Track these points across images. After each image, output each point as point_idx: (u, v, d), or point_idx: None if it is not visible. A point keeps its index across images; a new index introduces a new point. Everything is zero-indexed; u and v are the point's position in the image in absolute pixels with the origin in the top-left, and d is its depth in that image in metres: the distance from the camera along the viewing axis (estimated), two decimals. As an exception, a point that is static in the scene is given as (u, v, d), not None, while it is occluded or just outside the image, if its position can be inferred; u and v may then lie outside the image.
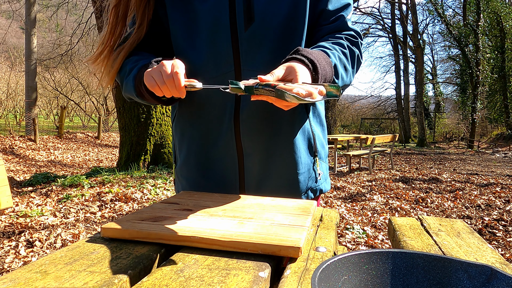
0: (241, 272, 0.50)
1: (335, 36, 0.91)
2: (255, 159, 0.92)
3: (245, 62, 0.89)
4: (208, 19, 0.88)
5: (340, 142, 11.39)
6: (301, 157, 0.94)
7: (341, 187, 5.82)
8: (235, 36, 0.88)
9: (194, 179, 0.98)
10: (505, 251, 3.16)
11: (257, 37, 0.88)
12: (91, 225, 3.50)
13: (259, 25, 0.87)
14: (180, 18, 0.92)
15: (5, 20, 23.16)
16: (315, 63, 0.75)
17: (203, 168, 0.96)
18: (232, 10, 0.87)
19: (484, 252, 0.67)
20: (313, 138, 0.97)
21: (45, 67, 16.42)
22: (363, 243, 3.31)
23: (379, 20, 26.32)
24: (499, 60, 19.97)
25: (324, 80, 0.78)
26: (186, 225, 0.63)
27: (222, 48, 0.89)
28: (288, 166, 0.93)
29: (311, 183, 0.98)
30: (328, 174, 1.06)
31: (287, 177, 0.94)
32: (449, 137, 26.32)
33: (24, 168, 7.66)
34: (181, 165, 1.01)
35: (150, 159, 6.52)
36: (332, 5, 0.92)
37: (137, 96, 0.86)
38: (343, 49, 0.87)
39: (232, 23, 0.87)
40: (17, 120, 17.85)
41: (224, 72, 0.89)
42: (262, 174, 0.93)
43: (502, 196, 5.26)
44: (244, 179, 0.94)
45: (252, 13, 0.86)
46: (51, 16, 15.68)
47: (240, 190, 0.95)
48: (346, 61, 0.87)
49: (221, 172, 0.95)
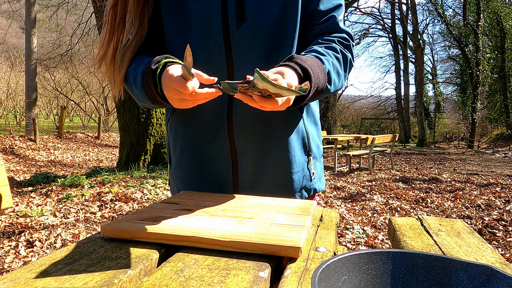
0: (241, 272, 0.50)
1: (328, 39, 0.91)
2: (249, 159, 0.93)
3: (238, 61, 0.89)
4: (201, 18, 0.89)
5: (340, 142, 11.39)
6: (295, 156, 0.95)
7: (341, 187, 5.82)
8: (227, 35, 0.88)
9: (189, 179, 0.99)
10: (505, 251, 3.16)
11: (249, 36, 0.88)
12: (91, 225, 3.50)
13: (251, 24, 0.88)
14: (174, 17, 0.92)
15: (5, 20, 23.17)
16: (308, 71, 0.76)
17: (197, 168, 0.97)
18: (224, 9, 0.88)
19: (484, 252, 0.67)
20: (307, 137, 0.97)
21: (45, 67, 16.42)
22: (363, 243, 3.31)
23: (379, 20, 26.32)
24: (499, 60, 19.97)
25: (317, 87, 0.79)
26: (186, 225, 0.63)
27: (215, 47, 0.89)
28: (282, 165, 0.94)
29: (305, 182, 0.98)
30: (322, 174, 1.06)
31: (281, 176, 0.95)
32: (449, 137, 26.33)
33: (24, 168, 7.66)
34: (175, 166, 1.02)
35: (150, 159, 6.52)
36: (324, 6, 0.92)
37: (153, 103, 0.85)
38: (336, 54, 0.88)
39: (224, 22, 0.88)
40: (17, 120, 17.86)
41: (217, 70, 0.90)
42: (256, 173, 0.94)
43: (502, 196, 5.26)
44: (238, 178, 0.94)
45: (244, 12, 0.87)
46: (51, 16, 15.69)
47: (234, 189, 0.96)
48: (339, 66, 0.88)
49: (215, 172, 0.96)
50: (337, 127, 15.49)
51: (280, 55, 0.91)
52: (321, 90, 0.82)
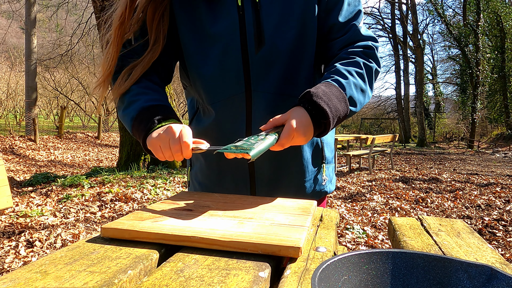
0: (241, 272, 0.50)
1: (351, 51, 0.90)
2: (265, 170, 0.95)
3: (256, 84, 0.90)
4: (220, 42, 0.89)
5: (340, 142, 11.38)
6: (308, 167, 0.97)
7: (341, 187, 5.82)
8: (245, 58, 0.89)
9: (207, 186, 1.02)
10: (505, 251, 3.16)
11: (267, 59, 0.89)
12: (91, 225, 3.50)
13: (269, 48, 0.88)
14: (192, 40, 0.91)
15: (5, 20, 23.16)
16: (323, 110, 0.76)
17: (216, 178, 0.99)
18: (243, 33, 0.88)
19: (484, 252, 0.67)
20: (321, 146, 0.99)
21: (45, 67, 16.41)
22: (363, 243, 3.31)
23: (379, 20, 26.33)
24: (499, 60, 19.97)
25: (338, 117, 0.80)
26: (186, 225, 0.63)
27: (233, 71, 0.89)
28: (296, 174, 0.97)
29: (317, 187, 1.00)
30: (334, 175, 1.08)
31: (294, 184, 0.97)
32: (449, 137, 26.32)
33: (24, 168, 7.66)
34: (196, 171, 1.04)
35: (150, 159, 6.51)
36: (343, 17, 0.91)
37: (132, 135, 0.88)
38: (359, 70, 0.87)
39: (243, 46, 0.88)
40: (17, 120, 17.85)
41: (235, 93, 0.91)
42: (272, 183, 0.96)
43: (502, 196, 5.26)
44: (255, 187, 0.97)
45: (263, 36, 0.87)
46: (51, 16, 15.69)
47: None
48: (363, 83, 0.87)
49: (233, 182, 0.98)
50: (337, 127, 15.49)
51: (298, 76, 0.91)
52: (344, 116, 0.82)
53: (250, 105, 0.91)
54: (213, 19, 0.89)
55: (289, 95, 0.91)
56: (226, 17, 0.88)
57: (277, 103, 0.91)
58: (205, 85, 0.92)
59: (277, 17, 0.88)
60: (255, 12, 0.87)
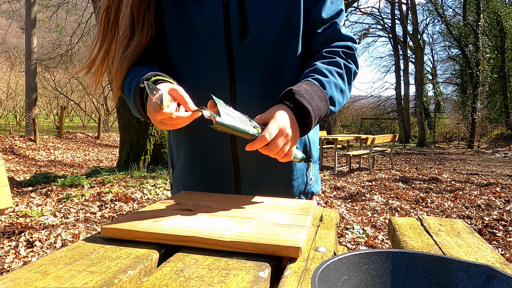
0: (241, 272, 0.50)
1: (331, 51, 0.89)
2: (251, 168, 0.94)
3: (240, 74, 0.89)
4: (203, 30, 0.88)
5: (340, 142, 11.39)
6: (296, 164, 0.96)
7: (341, 187, 5.82)
8: (229, 48, 0.88)
9: (191, 186, 1.00)
10: (505, 251, 3.16)
11: (252, 49, 0.88)
12: (91, 225, 3.50)
13: (253, 38, 0.87)
14: (176, 27, 0.91)
15: (5, 20, 23.15)
16: (306, 108, 0.75)
17: (200, 176, 0.98)
18: (227, 22, 0.87)
19: (484, 252, 0.67)
20: (309, 144, 0.98)
21: (45, 67, 16.41)
22: (363, 243, 3.31)
23: (379, 20, 26.31)
24: (499, 60, 19.97)
25: (319, 117, 0.79)
26: (186, 225, 0.63)
27: (217, 60, 0.89)
28: (283, 173, 0.95)
29: (303, 187, 0.99)
30: (319, 176, 1.07)
31: (281, 183, 0.96)
32: (449, 137, 26.32)
33: (24, 168, 7.66)
34: (178, 172, 1.02)
35: (150, 159, 6.52)
36: (326, 13, 0.91)
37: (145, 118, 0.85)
38: (339, 70, 0.87)
39: (227, 35, 0.87)
40: (17, 120, 17.86)
41: (219, 83, 0.89)
42: (258, 181, 0.95)
43: (502, 196, 5.26)
44: (241, 187, 0.95)
45: (247, 26, 0.87)
46: (51, 16, 15.69)
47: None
48: (342, 84, 0.87)
49: (217, 180, 0.96)
50: (337, 127, 15.50)
51: (284, 68, 0.91)
52: (325, 115, 0.82)
53: (235, 96, 0.89)
54: (198, 8, 0.89)
55: (273, 86, 0.90)
56: (210, 6, 0.88)
57: (262, 94, 0.90)
58: (189, 75, 0.92)
59: (262, 7, 0.87)
60: (240, 2, 0.87)
